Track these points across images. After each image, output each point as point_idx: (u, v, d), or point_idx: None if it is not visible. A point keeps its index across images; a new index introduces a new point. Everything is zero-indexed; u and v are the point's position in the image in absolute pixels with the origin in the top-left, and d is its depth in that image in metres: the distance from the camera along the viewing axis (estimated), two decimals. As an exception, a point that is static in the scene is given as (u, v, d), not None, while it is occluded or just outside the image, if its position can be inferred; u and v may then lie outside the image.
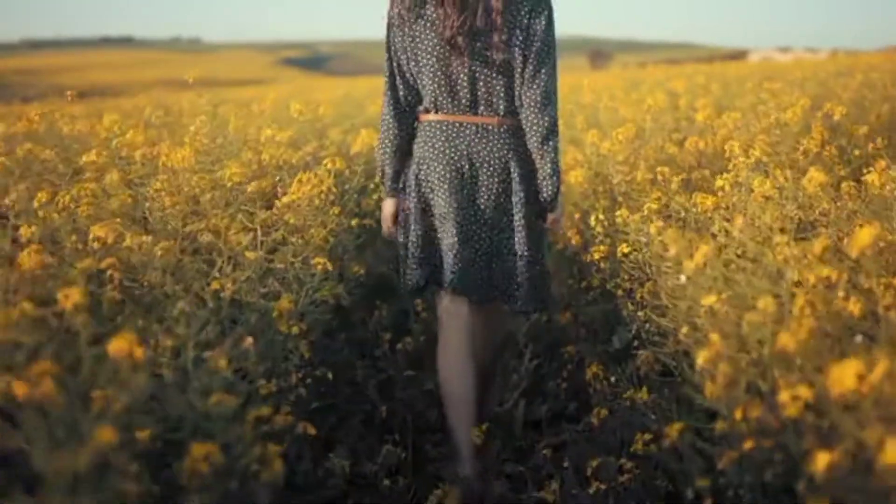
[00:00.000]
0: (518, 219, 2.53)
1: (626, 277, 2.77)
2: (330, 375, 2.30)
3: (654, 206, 2.67)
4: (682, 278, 1.80)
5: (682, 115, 5.52)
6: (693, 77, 12.27)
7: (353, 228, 3.52)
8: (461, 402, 2.62)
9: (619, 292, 2.75)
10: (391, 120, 2.61)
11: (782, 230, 1.98)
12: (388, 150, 2.64)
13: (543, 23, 2.49)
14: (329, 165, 2.97)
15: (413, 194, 2.59)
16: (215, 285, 1.88)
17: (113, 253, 2.11)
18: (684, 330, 1.84)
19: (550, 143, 2.52)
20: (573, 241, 3.45)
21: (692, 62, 28.34)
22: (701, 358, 1.49)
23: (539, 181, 2.56)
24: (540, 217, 2.60)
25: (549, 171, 2.54)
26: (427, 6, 2.50)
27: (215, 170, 3.25)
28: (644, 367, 2.46)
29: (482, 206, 2.54)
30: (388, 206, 2.71)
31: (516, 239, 2.54)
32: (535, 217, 2.58)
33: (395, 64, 2.58)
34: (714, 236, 2.56)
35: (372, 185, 3.69)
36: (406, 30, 2.53)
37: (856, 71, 10.17)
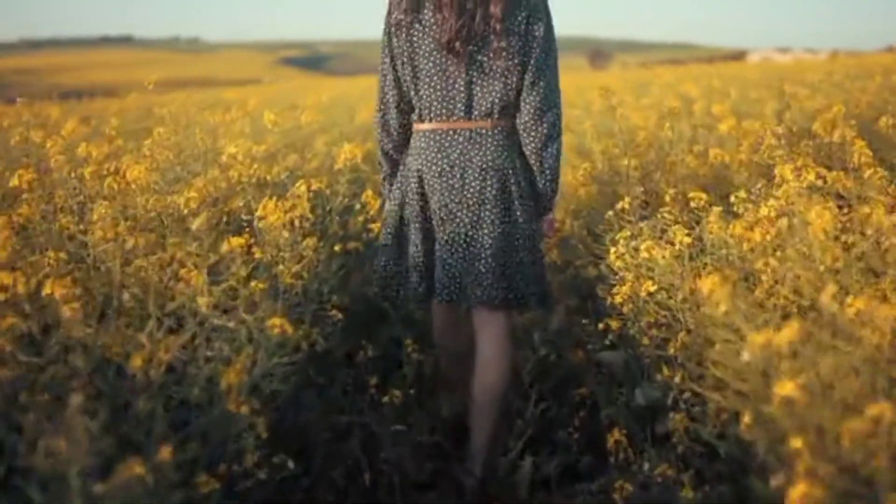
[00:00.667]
0: (522, 218, 2.53)
1: (653, 321, 2.35)
2: (290, 464, 1.86)
3: (687, 240, 2.24)
4: (745, 356, 1.37)
5: (698, 121, 5.09)
6: (700, 79, 11.84)
7: (337, 255, 3.09)
8: (457, 368, 2.76)
9: (645, 340, 2.32)
10: (388, 121, 2.63)
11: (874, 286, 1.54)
12: (388, 151, 2.67)
13: (542, 29, 2.49)
14: (303, 188, 2.53)
15: (415, 204, 2.58)
16: (136, 362, 1.45)
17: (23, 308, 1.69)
18: (746, 419, 1.41)
19: (550, 149, 2.54)
20: (589, 271, 3.01)
21: (692, 62, 27.92)
22: (795, 495, 1.06)
23: (538, 186, 2.58)
24: (536, 219, 2.62)
25: (548, 176, 2.56)
26: (425, 11, 2.49)
27: (176, 191, 2.83)
28: (679, 442, 2.02)
29: (479, 212, 2.51)
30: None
31: (521, 238, 2.53)
32: (533, 218, 2.59)
33: (393, 68, 2.57)
34: (761, 279, 2.14)
35: (358, 205, 3.26)
36: (404, 35, 2.52)
37: (872, 73, 9.73)
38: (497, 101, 2.50)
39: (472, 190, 2.51)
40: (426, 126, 2.55)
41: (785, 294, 2.05)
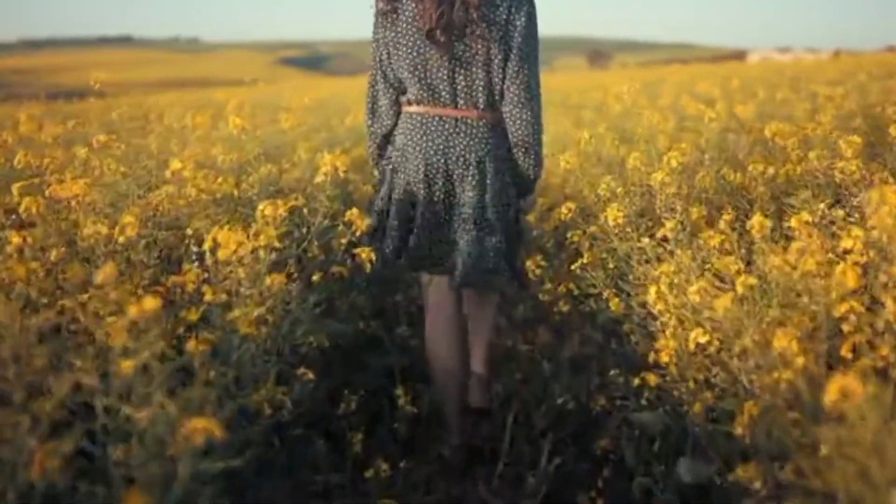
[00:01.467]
0: (500, 204, 2.57)
1: (702, 378, 1.87)
2: None
3: (751, 282, 1.77)
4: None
5: (724, 124, 4.60)
6: (710, 78, 11.36)
7: (316, 286, 2.61)
8: (450, 373, 2.69)
9: (697, 407, 1.83)
10: (378, 109, 2.66)
11: None
12: (376, 137, 2.69)
13: (524, 19, 2.50)
14: (269, 209, 2.05)
15: (396, 181, 2.63)
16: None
17: None
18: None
19: (535, 134, 2.57)
20: (611, 307, 2.53)
21: (693, 62, 27.37)
22: None
23: (523, 171, 2.62)
24: (517, 200, 2.66)
25: (533, 160, 2.60)
26: (407, 1, 2.51)
27: (119, 210, 2.35)
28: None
29: (459, 197, 2.57)
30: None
31: (500, 222, 2.57)
32: (512, 204, 2.63)
33: (379, 58, 2.61)
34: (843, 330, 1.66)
35: (341, 226, 2.78)
36: (388, 24, 2.55)
37: (892, 73, 9.26)
38: (481, 89, 2.54)
39: (455, 173, 2.56)
40: (414, 109, 2.59)
41: (884, 353, 1.59)
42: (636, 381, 2.09)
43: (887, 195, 1.60)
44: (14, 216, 2.58)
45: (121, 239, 1.95)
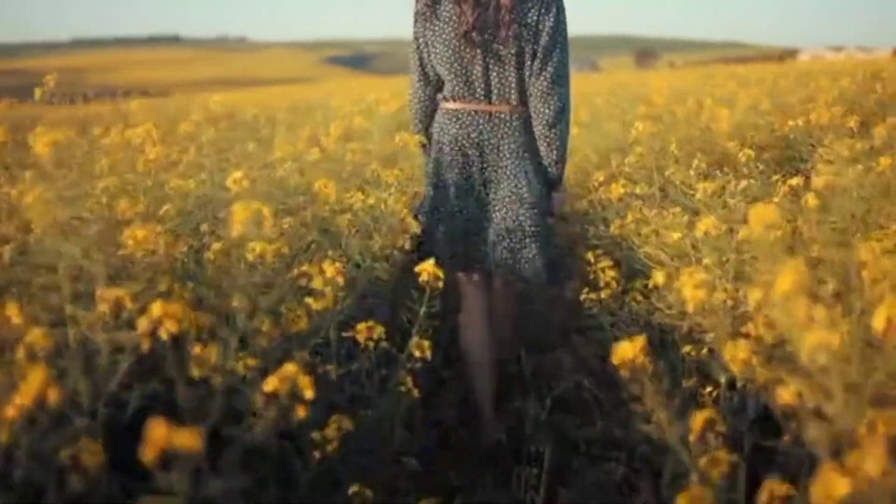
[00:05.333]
0: (528, 199, 2.68)
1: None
2: None
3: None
4: None
5: None
6: (783, 75, 9.96)
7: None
8: (480, 366, 2.80)
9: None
10: (419, 102, 2.84)
11: None
12: (419, 119, 2.87)
13: (552, 19, 2.67)
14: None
15: (430, 176, 2.79)
16: None
17: None
18: None
19: (556, 129, 2.71)
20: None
21: (739, 62, 25.64)
22: None
23: (546, 164, 2.76)
24: (546, 196, 2.78)
25: (554, 156, 2.74)
26: (445, 2, 2.68)
27: None
28: None
29: (494, 190, 2.71)
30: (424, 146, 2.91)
31: (527, 215, 2.68)
32: (542, 196, 2.75)
33: (419, 56, 2.79)
34: None
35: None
36: (427, 24, 2.72)
37: None
38: (514, 86, 2.69)
39: (490, 164, 2.71)
40: (450, 105, 2.76)
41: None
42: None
43: None
44: None
45: None
